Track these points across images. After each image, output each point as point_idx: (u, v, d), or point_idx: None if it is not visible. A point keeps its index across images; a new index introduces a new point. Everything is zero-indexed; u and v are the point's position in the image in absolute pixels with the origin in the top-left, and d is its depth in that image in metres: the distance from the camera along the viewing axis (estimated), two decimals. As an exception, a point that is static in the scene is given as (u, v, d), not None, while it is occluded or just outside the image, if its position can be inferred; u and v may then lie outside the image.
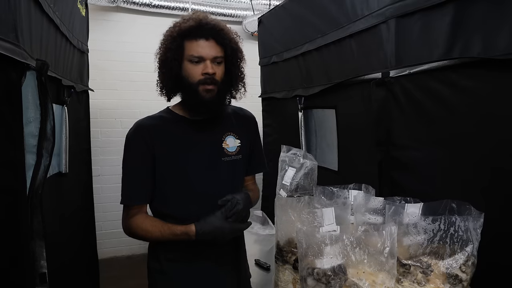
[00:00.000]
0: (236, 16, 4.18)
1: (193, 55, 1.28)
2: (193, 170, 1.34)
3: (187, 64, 1.29)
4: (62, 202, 2.03)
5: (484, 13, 1.21)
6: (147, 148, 1.31)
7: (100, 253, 3.38)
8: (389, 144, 1.66)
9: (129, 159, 1.34)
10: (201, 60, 1.28)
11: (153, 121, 1.36)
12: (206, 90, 1.29)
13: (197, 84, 1.29)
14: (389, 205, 1.10)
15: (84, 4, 2.67)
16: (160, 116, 1.39)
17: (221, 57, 1.32)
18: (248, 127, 1.51)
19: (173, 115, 1.40)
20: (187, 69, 1.30)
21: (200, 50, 1.28)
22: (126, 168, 1.34)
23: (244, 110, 1.55)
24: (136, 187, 1.34)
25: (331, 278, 0.91)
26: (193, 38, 1.28)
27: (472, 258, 1.00)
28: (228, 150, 1.40)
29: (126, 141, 1.35)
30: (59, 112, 2.01)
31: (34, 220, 1.24)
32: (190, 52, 1.28)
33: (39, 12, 1.46)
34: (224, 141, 1.40)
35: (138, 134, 1.33)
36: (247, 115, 1.54)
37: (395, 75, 1.58)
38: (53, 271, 1.47)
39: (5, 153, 1.09)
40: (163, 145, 1.32)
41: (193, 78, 1.29)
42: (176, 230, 1.27)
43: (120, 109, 3.94)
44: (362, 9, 1.78)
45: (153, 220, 1.33)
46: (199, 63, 1.29)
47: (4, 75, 1.08)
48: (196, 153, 1.35)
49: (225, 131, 1.42)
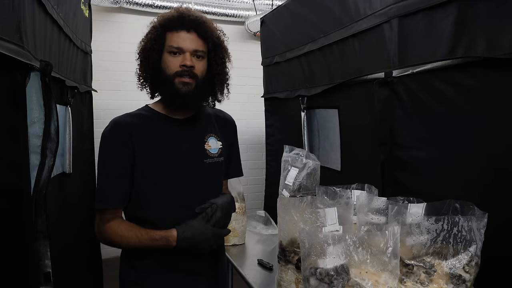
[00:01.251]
0: (239, 16, 4.19)
1: (172, 46, 1.24)
2: (173, 171, 1.28)
3: (167, 55, 1.26)
4: (66, 202, 2.04)
5: (487, 12, 1.20)
6: (125, 147, 1.25)
7: (104, 253, 3.39)
8: (392, 144, 1.66)
9: (105, 159, 1.27)
10: (181, 52, 1.25)
11: (131, 118, 1.31)
12: (182, 82, 1.24)
13: (174, 76, 1.24)
14: (392, 205, 1.10)
15: (87, 5, 2.68)
16: (138, 114, 1.34)
17: (202, 51, 1.28)
18: (228, 130, 1.47)
19: (152, 112, 1.34)
20: (166, 61, 1.25)
21: (180, 42, 1.24)
22: (101, 168, 1.28)
23: (224, 113, 1.51)
24: (111, 189, 1.26)
25: (333, 278, 0.91)
26: (174, 29, 1.25)
27: (476, 259, 1.00)
28: (211, 152, 1.35)
29: (102, 139, 1.28)
30: (62, 112, 2.02)
31: (38, 220, 1.25)
32: (170, 43, 1.25)
33: (43, 13, 1.46)
34: (207, 142, 1.36)
35: (116, 132, 1.27)
36: (227, 118, 1.50)
37: (398, 75, 1.58)
38: (58, 271, 1.47)
39: (10, 153, 1.10)
40: (142, 144, 1.26)
41: (170, 69, 1.25)
42: (155, 235, 1.20)
43: (123, 110, 3.88)
44: (365, 9, 1.78)
45: (129, 225, 1.25)
46: (178, 55, 1.25)
47: (8, 76, 1.09)
48: (177, 153, 1.30)
49: (207, 131, 1.37)
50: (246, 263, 2.02)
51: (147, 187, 1.27)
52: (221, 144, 1.39)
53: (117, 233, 1.23)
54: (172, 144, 1.30)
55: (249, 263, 2.03)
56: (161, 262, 1.28)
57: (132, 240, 1.21)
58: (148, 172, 1.26)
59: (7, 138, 1.09)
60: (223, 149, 1.40)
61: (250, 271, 1.93)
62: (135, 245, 1.22)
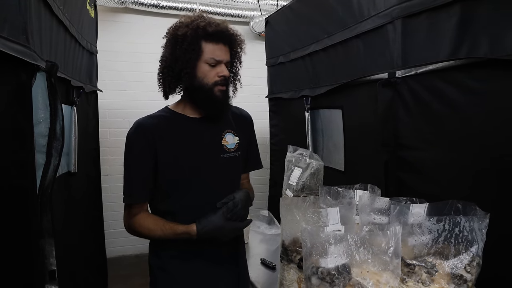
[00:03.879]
0: (244, 16, 4.19)
1: (213, 59, 1.33)
2: (193, 166, 1.37)
3: (204, 65, 1.34)
4: (71, 201, 2.06)
5: (490, 13, 1.20)
6: (148, 147, 1.34)
7: (109, 251, 3.42)
8: (395, 144, 1.66)
9: (130, 158, 1.37)
10: (218, 63, 1.35)
11: (153, 120, 1.39)
12: (220, 90, 1.36)
13: (213, 85, 1.35)
14: (394, 205, 1.10)
15: (93, 6, 2.70)
16: (159, 115, 1.42)
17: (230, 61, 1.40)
18: (245, 125, 1.55)
19: (172, 113, 1.43)
20: (203, 70, 1.34)
21: (220, 54, 1.34)
22: (128, 167, 1.37)
23: (240, 109, 1.59)
24: (138, 186, 1.36)
25: (335, 277, 0.92)
26: (214, 41, 1.33)
27: (477, 259, 1.00)
28: (228, 147, 1.44)
29: (127, 140, 1.37)
30: (68, 112, 2.04)
31: (44, 219, 1.26)
32: (210, 55, 1.33)
33: (48, 14, 1.48)
34: (224, 138, 1.44)
35: (139, 133, 1.35)
36: (243, 114, 1.58)
37: (401, 75, 1.58)
38: (63, 269, 1.49)
39: (16, 152, 1.12)
40: (164, 143, 1.35)
41: (209, 79, 1.34)
42: (177, 230, 1.31)
43: (129, 109, 3.98)
44: (368, 10, 1.78)
45: (155, 219, 1.36)
46: (215, 66, 1.34)
47: (14, 76, 1.11)
48: (197, 150, 1.38)
49: (224, 128, 1.45)
50: (249, 262, 2.01)
51: (169, 182, 1.36)
52: (238, 140, 1.47)
53: (143, 226, 1.34)
54: (191, 141, 1.38)
55: (252, 262, 2.04)
56: (184, 251, 1.38)
57: (157, 233, 1.33)
58: (170, 168, 1.35)
59: (13, 138, 1.10)
60: (241, 144, 1.48)
61: (253, 270, 1.94)
62: (160, 237, 1.34)
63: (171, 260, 1.40)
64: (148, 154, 1.34)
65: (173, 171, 1.35)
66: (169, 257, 1.40)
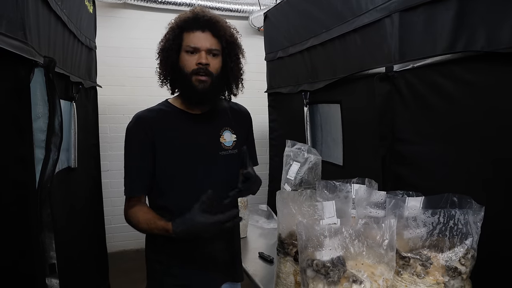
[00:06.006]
0: (243, 11, 4.18)
1: (189, 46, 1.32)
2: (190, 163, 1.37)
3: (184, 54, 1.33)
4: (71, 196, 2.07)
5: (487, 7, 1.20)
6: (147, 139, 1.34)
7: (109, 246, 3.44)
8: (393, 138, 1.66)
9: (130, 151, 1.37)
10: (197, 51, 1.32)
11: (153, 113, 1.39)
12: (199, 80, 1.32)
13: (191, 74, 1.32)
14: (390, 198, 1.11)
15: (91, 1, 2.70)
16: (159, 109, 1.42)
17: (217, 49, 1.35)
18: (243, 122, 1.54)
19: (171, 107, 1.42)
20: (183, 60, 1.33)
21: (196, 41, 1.32)
22: (127, 160, 1.37)
23: (239, 106, 1.57)
24: (135, 178, 1.36)
25: (330, 270, 0.93)
26: (190, 29, 1.33)
27: (472, 251, 1.01)
28: (225, 145, 1.43)
29: (126, 133, 1.37)
30: (67, 108, 2.05)
31: (43, 213, 1.28)
32: (187, 43, 1.32)
33: (46, 9, 1.48)
34: (222, 135, 1.43)
35: (138, 126, 1.36)
36: (242, 111, 1.57)
37: (399, 69, 1.58)
38: (63, 264, 1.51)
39: (15, 148, 1.13)
40: (162, 137, 1.35)
41: (188, 68, 1.32)
42: (158, 225, 1.27)
43: (128, 105, 3.98)
44: (366, 3, 1.78)
45: (145, 212, 1.34)
46: (194, 54, 1.32)
47: (13, 72, 1.11)
48: (194, 146, 1.38)
49: (222, 125, 1.45)
50: (247, 256, 2.05)
51: (166, 178, 1.36)
52: (236, 137, 1.47)
53: (135, 218, 1.34)
54: (189, 137, 1.38)
55: (250, 256, 2.06)
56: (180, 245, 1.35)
57: (143, 226, 1.32)
58: (167, 163, 1.35)
59: (12, 133, 1.11)
60: (238, 141, 1.47)
61: (251, 263, 1.95)
62: (146, 231, 1.34)
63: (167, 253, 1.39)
64: (147, 147, 1.34)
65: (170, 167, 1.35)
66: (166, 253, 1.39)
